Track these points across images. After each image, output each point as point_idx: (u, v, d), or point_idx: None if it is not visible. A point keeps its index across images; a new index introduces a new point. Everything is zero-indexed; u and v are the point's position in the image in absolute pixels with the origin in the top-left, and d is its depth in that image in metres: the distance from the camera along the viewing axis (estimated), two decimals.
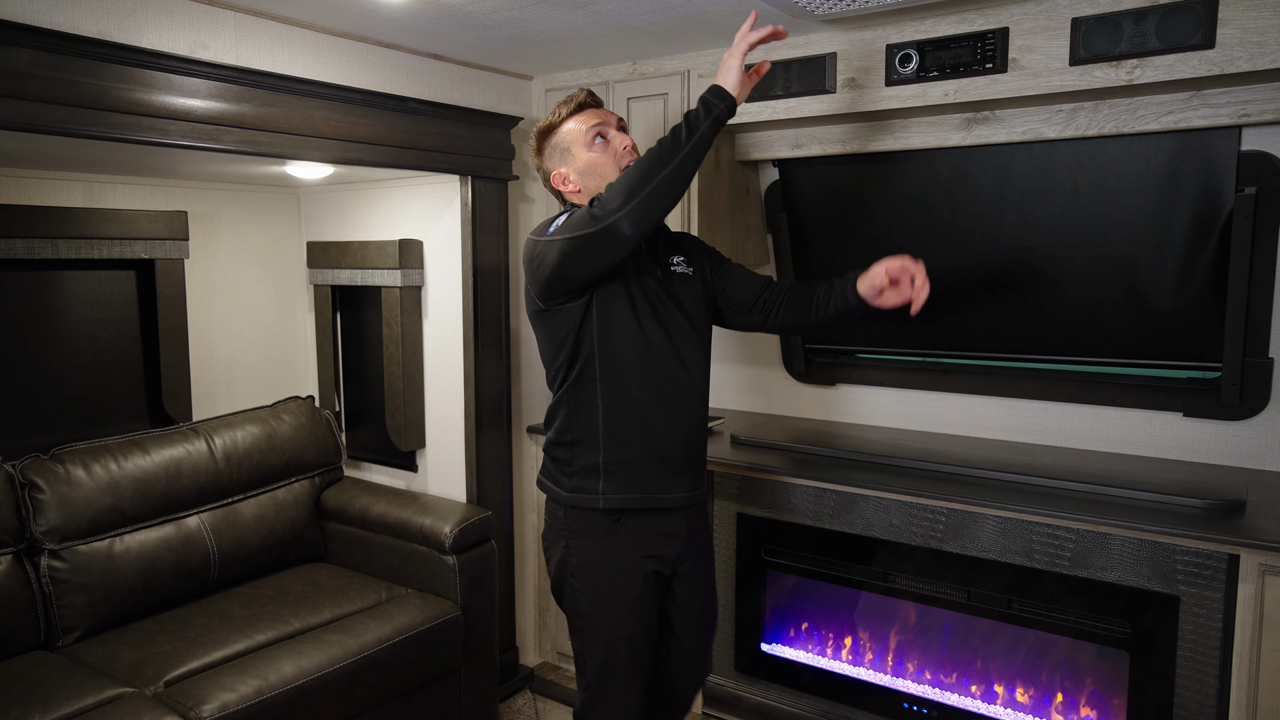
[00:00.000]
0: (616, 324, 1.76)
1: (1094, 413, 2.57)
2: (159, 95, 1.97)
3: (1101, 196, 2.33)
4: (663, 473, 1.82)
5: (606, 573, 1.82)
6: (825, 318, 1.93)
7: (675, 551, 1.86)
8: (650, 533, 1.83)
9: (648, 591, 1.84)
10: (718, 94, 1.67)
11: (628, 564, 1.82)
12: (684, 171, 1.63)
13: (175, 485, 2.50)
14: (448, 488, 2.95)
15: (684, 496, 1.85)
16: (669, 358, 1.79)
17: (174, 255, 2.83)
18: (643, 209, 1.61)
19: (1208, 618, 1.97)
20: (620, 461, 1.80)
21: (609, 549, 1.82)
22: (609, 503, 1.80)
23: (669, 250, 1.89)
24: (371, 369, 3.10)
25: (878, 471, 2.42)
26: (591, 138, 1.81)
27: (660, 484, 1.82)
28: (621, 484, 1.80)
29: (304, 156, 2.28)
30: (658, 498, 1.82)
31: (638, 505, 1.81)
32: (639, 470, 1.80)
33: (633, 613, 1.83)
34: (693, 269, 1.90)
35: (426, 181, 2.85)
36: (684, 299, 1.85)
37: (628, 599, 1.82)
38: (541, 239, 1.74)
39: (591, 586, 1.84)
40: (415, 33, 2.38)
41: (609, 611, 1.83)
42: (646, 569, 1.83)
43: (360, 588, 2.59)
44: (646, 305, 1.78)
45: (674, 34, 2.40)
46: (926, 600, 2.41)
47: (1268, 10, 1.81)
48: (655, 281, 1.81)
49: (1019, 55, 2.10)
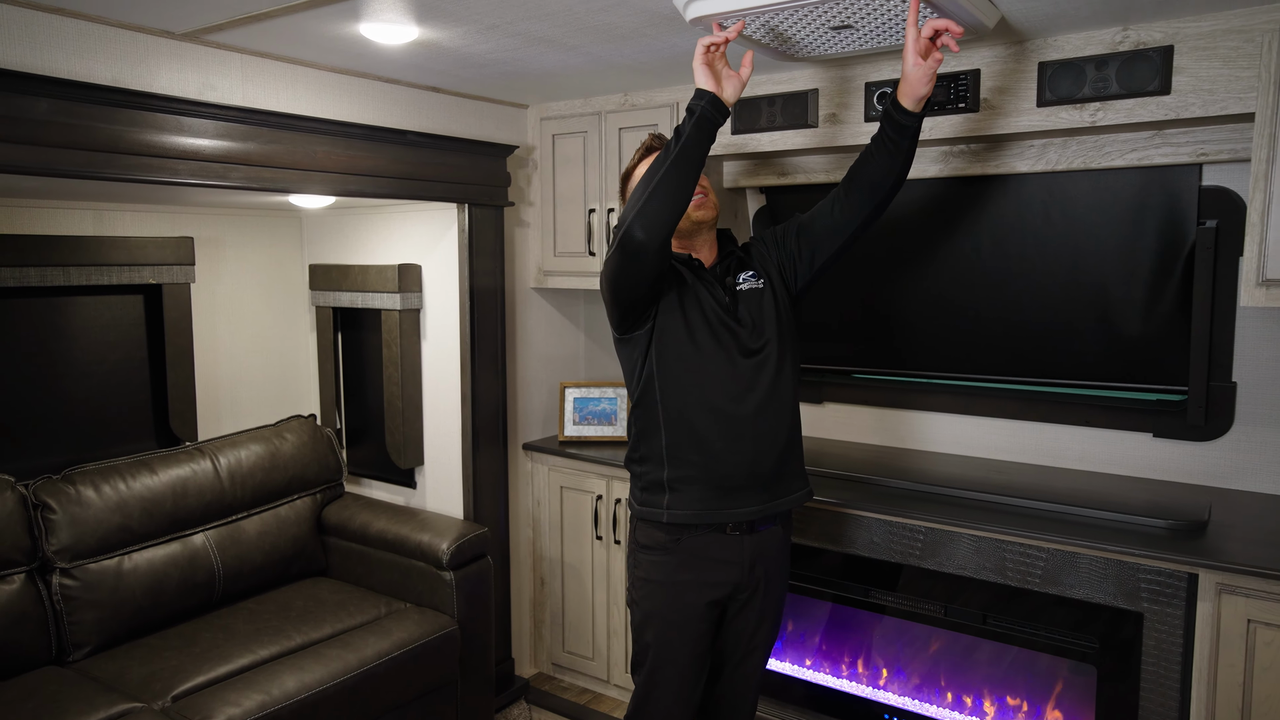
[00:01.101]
0: (673, 352, 1.86)
1: (1069, 432, 2.66)
2: (169, 136, 2.07)
3: (1073, 227, 2.43)
4: (724, 492, 1.86)
5: (664, 591, 1.90)
6: (890, 156, 1.88)
7: (733, 579, 1.91)
8: (707, 557, 1.89)
9: (701, 618, 1.90)
10: (697, 95, 1.75)
11: (683, 586, 1.89)
12: (680, 171, 1.71)
13: (182, 504, 2.59)
14: (445, 504, 3.04)
15: (751, 512, 1.88)
16: (729, 381, 1.85)
17: (180, 280, 2.92)
18: (648, 212, 1.71)
19: (1169, 634, 2.06)
20: (683, 479, 1.87)
21: (667, 567, 1.90)
22: (672, 517, 1.88)
23: (738, 269, 1.97)
24: (371, 388, 3.19)
25: (860, 491, 2.51)
26: None
27: (723, 502, 1.87)
28: (685, 500, 1.87)
29: (307, 190, 2.38)
30: (721, 513, 1.86)
31: (700, 521, 1.87)
32: (701, 489, 1.87)
33: (683, 636, 1.90)
34: (762, 279, 1.96)
35: (425, 208, 2.95)
36: (753, 318, 1.90)
37: (680, 621, 1.89)
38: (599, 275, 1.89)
39: (649, 602, 1.92)
40: (414, 70, 2.48)
41: (661, 631, 1.91)
42: (704, 596, 1.89)
43: (360, 602, 2.68)
44: (707, 333, 1.86)
45: (662, 69, 2.50)
46: (906, 615, 2.50)
47: (1218, 61, 1.91)
48: (720, 307, 1.89)
49: (990, 96, 2.20)
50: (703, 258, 1.96)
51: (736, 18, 1.78)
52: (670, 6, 1.85)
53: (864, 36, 1.92)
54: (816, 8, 1.71)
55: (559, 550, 3.12)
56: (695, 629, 1.91)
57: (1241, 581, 1.90)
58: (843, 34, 1.91)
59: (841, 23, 1.82)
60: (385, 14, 1.92)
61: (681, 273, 1.90)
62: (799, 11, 1.74)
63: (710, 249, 1.98)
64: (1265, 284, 1.91)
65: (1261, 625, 1.89)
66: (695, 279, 1.90)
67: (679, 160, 1.71)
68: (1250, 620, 1.90)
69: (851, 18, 1.78)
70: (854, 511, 2.46)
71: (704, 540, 1.89)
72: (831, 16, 1.78)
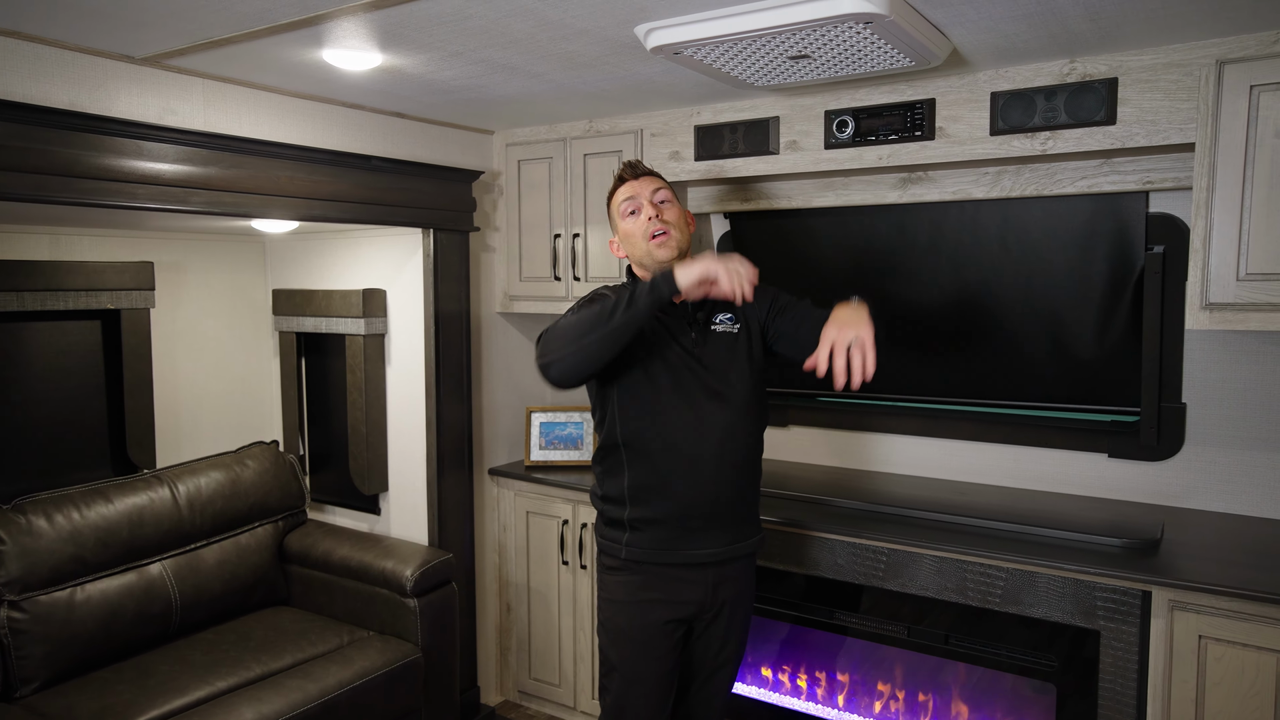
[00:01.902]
0: (635, 397, 1.86)
1: (1027, 453, 2.71)
2: (128, 160, 2.05)
3: (1027, 252, 2.49)
4: (684, 532, 1.88)
5: (629, 610, 1.92)
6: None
7: (697, 598, 1.91)
8: (670, 579, 1.90)
9: (665, 636, 1.91)
10: (669, 282, 1.69)
11: (648, 605, 1.90)
12: (615, 339, 1.71)
13: (138, 533, 2.53)
14: (410, 530, 3.01)
15: (711, 554, 1.89)
16: (691, 425, 1.84)
17: (140, 305, 2.88)
18: (569, 364, 1.73)
19: (1125, 651, 2.09)
20: (643, 519, 1.89)
21: (630, 586, 1.91)
22: (630, 554, 1.91)
23: (715, 309, 1.93)
24: (335, 414, 3.16)
25: (824, 513, 2.53)
26: (626, 211, 1.94)
27: (682, 542, 1.88)
28: (643, 539, 1.89)
29: (269, 215, 2.37)
30: (678, 553, 1.88)
31: (657, 560, 1.89)
32: (660, 530, 1.88)
33: (647, 655, 1.90)
34: (739, 325, 1.94)
35: (390, 233, 2.95)
36: (719, 361, 1.89)
37: (644, 640, 1.90)
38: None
39: (615, 621, 1.94)
40: (378, 95, 2.49)
41: (627, 650, 1.92)
42: (665, 615, 1.90)
43: (322, 631, 2.64)
44: (668, 377, 1.85)
45: (625, 97, 2.54)
46: (869, 637, 2.51)
47: (1159, 93, 1.99)
48: (685, 349, 1.87)
49: (945, 124, 2.26)
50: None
51: (696, 47, 1.82)
52: (632, 36, 1.88)
53: (821, 66, 1.97)
54: (775, 38, 1.75)
55: (525, 576, 3.09)
56: (660, 647, 1.91)
57: (1193, 598, 1.94)
58: (801, 64, 1.95)
59: (799, 53, 1.86)
60: (348, 40, 1.93)
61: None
62: (758, 41, 1.78)
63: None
64: (1209, 307, 1.97)
65: (1212, 641, 1.93)
66: (659, 319, 1.87)
67: (620, 331, 1.69)
68: (1201, 636, 1.94)
69: (809, 48, 1.83)
70: (818, 534, 2.47)
71: (665, 568, 1.91)
72: (789, 47, 1.82)
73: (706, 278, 1.67)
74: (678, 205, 1.96)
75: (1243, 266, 1.92)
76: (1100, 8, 1.70)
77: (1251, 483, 2.39)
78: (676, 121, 2.71)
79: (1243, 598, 1.87)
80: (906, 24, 1.67)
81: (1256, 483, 2.38)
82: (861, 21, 1.62)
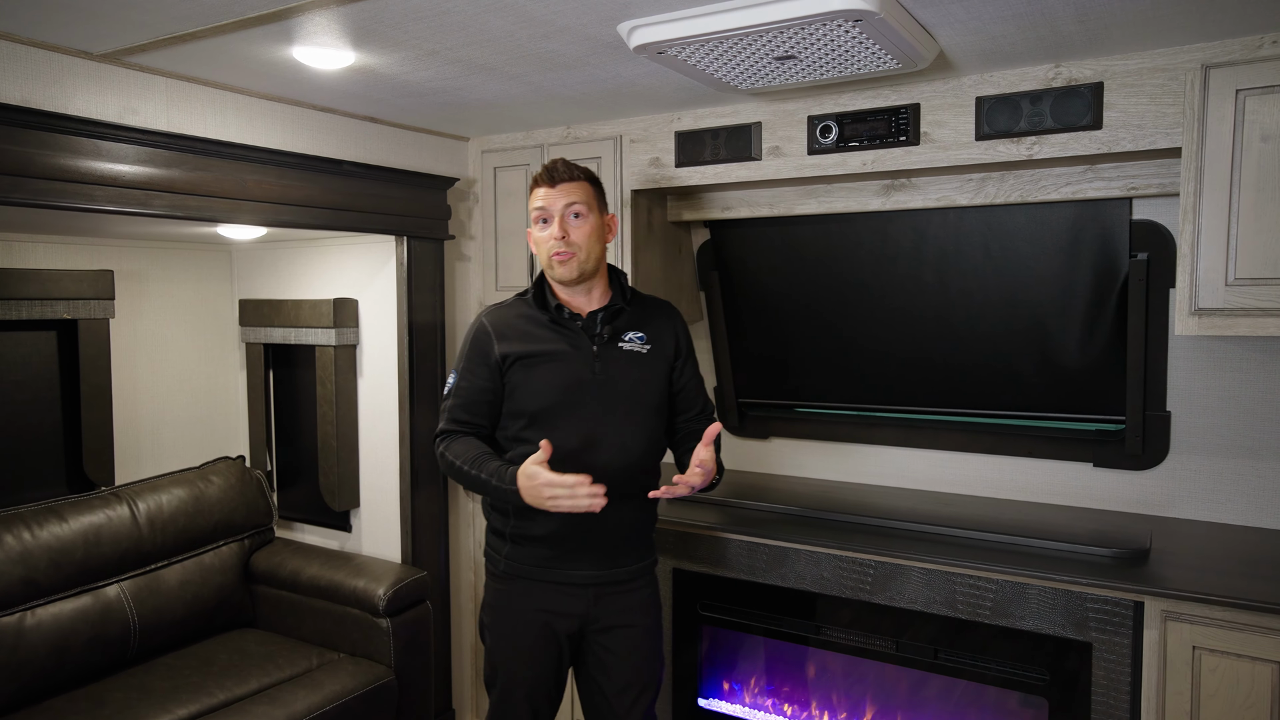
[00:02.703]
0: (523, 411, 1.83)
1: (1011, 463, 2.68)
2: (85, 161, 1.96)
3: (1011, 259, 2.47)
4: (562, 553, 1.85)
5: (506, 615, 1.90)
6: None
7: (579, 610, 1.88)
8: (550, 592, 1.87)
9: (544, 643, 1.88)
10: (515, 497, 1.72)
11: (524, 611, 1.88)
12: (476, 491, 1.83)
13: (94, 553, 2.42)
14: (382, 548, 2.91)
15: (587, 575, 1.86)
16: (579, 444, 1.80)
17: (99, 315, 2.77)
18: (448, 475, 1.87)
19: (1118, 663, 2.06)
20: (524, 535, 1.86)
21: (509, 594, 1.90)
22: (509, 567, 1.89)
23: (628, 326, 1.90)
24: (305, 428, 3.06)
25: (809, 525, 2.47)
26: (536, 218, 1.88)
27: (559, 562, 1.86)
28: (522, 555, 1.87)
29: (236, 220, 2.28)
30: (555, 572, 1.86)
31: (534, 576, 1.87)
32: (540, 547, 1.85)
33: (526, 660, 1.88)
34: (650, 347, 1.90)
35: (362, 241, 2.87)
36: (622, 377, 1.85)
37: (523, 645, 1.88)
38: (448, 378, 1.94)
39: (495, 626, 1.92)
40: (350, 98, 2.42)
41: (506, 654, 1.90)
42: (545, 621, 1.87)
43: (290, 654, 2.53)
44: (560, 393, 1.81)
45: (605, 101, 2.49)
46: (858, 652, 2.45)
47: (1145, 97, 1.98)
48: (585, 362, 1.83)
49: (930, 129, 2.24)
50: (579, 305, 1.88)
51: (680, 46, 1.77)
52: (614, 35, 1.83)
53: (807, 67, 1.93)
54: (761, 37, 1.71)
55: None
56: (543, 653, 1.88)
57: (1186, 608, 1.91)
58: (786, 65, 1.91)
59: (785, 53, 1.83)
60: (320, 37, 1.86)
61: (535, 334, 1.84)
62: (743, 41, 1.74)
63: (590, 294, 1.89)
64: (1198, 313, 1.95)
65: (1206, 652, 1.90)
66: (557, 338, 1.84)
67: (478, 489, 1.80)
68: (1195, 647, 1.91)
69: (795, 48, 1.79)
70: (803, 546, 2.42)
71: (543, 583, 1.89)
72: (775, 47, 1.78)
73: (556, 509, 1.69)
74: (593, 218, 1.85)
75: (1231, 271, 1.90)
76: (1089, 9, 1.68)
77: (1236, 491, 2.37)
78: (657, 127, 2.67)
79: (1237, 607, 1.84)
80: (896, 23, 1.63)
81: (1241, 491, 2.37)
82: (851, 19, 1.58)
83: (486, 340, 1.85)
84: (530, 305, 1.89)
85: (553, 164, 1.87)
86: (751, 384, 3.04)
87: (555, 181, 1.85)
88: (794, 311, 2.84)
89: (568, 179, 1.86)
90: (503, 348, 1.83)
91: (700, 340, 3.14)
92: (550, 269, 1.85)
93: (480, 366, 1.84)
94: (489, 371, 1.84)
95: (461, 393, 1.85)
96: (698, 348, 3.12)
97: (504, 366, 1.83)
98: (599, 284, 1.89)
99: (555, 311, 1.85)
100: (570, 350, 1.83)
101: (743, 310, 2.97)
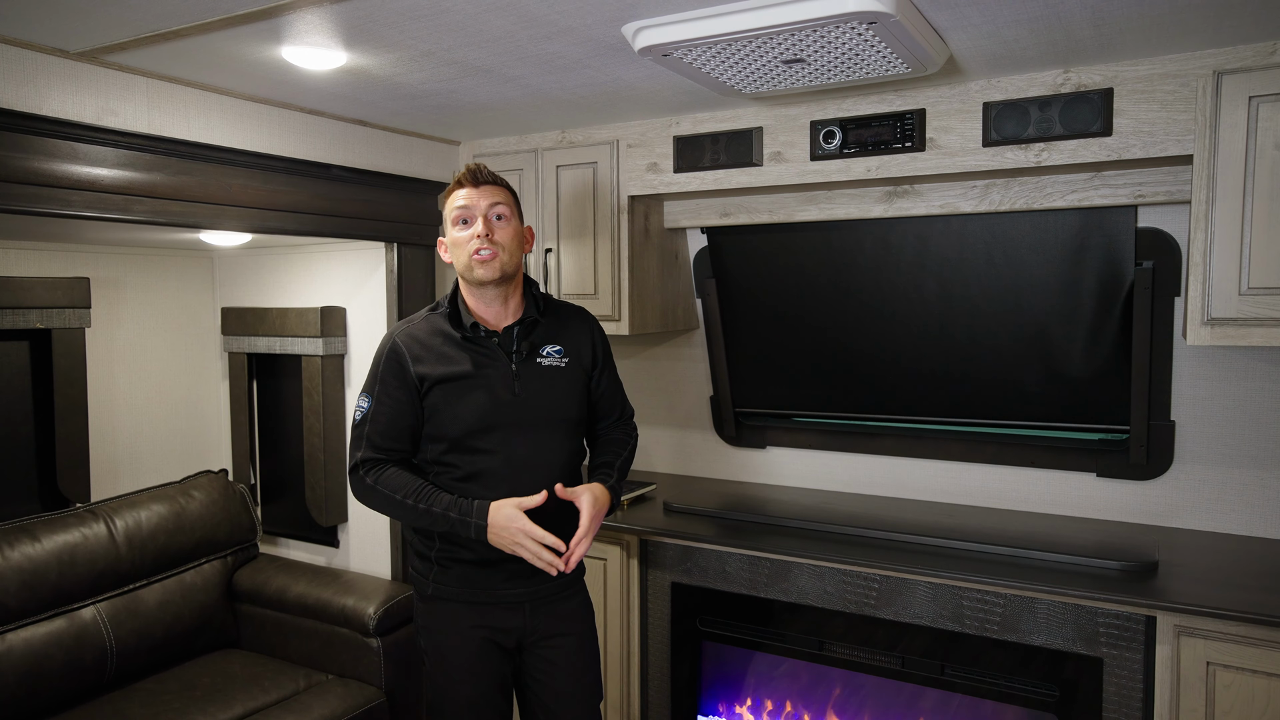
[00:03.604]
0: (443, 430, 1.78)
1: (1014, 473, 2.65)
2: (61, 164, 1.87)
3: (1015, 268, 2.43)
4: (491, 573, 1.81)
5: (443, 636, 1.85)
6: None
7: (515, 624, 1.85)
8: (485, 609, 1.83)
9: (483, 657, 1.84)
10: (479, 534, 1.72)
11: (461, 629, 1.83)
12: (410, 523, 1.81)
13: (69, 574, 2.31)
14: (372, 564, 2.82)
15: (521, 593, 1.83)
16: (501, 461, 1.77)
17: (74, 324, 2.66)
18: (369, 506, 1.81)
19: (1129, 679, 2.02)
20: (449, 557, 1.82)
21: (442, 615, 1.85)
22: (436, 590, 1.84)
23: (545, 339, 1.86)
24: (290, 440, 2.97)
25: (811, 538, 2.42)
26: (457, 219, 1.81)
27: (488, 582, 1.82)
28: (449, 577, 1.82)
29: (221, 226, 2.20)
30: (483, 592, 1.82)
31: (462, 599, 1.83)
32: (466, 569, 1.81)
33: (466, 676, 1.84)
34: (569, 360, 1.87)
35: (350, 247, 2.79)
36: (542, 395, 1.82)
37: (462, 661, 1.84)
38: (355, 410, 1.83)
39: (433, 647, 1.86)
40: (339, 100, 2.34)
41: (446, 672, 1.85)
42: (484, 637, 1.84)
43: (276, 676, 2.44)
44: (479, 411, 1.76)
45: (603, 106, 2.43)
46: (862, 667, 2.40)
47: (1156, 104, 1.95)
48: (504, 383, 1.79)
49: (936, 135, 2.20)
50: (491, 316, 1.83)
51: (687, 48, 1.71)
52: (618, 36, 1.77)
53: (815, 71, 1.89)
54: (771, 40, 1.66)
55: None
56: (484, 668, 1.84)
57: (1200, 623, 1.88)
58: (794, 68, 1.87)
59: (794, 56, 1.78)
60: (311, 36, 1.78)
61: (451, 355, 1.78)
62: (753, 43, 1.68)
63: (507, 305, 1.84)
64: (1210, 323, 1.92)
65: (1221, 668, 1.87)
66: (473, 357, 1.78)
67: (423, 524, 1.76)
68: (1210, 663, 1.88)
69: (804, 51, 1.74)
70: (806, 560, 2.37)
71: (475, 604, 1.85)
72: (785, 50, 1.73)
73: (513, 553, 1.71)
74: (515, 222, 1.82)
75: (1245, 280, 1.87)
76: (1106, 13, 1.65)
77: (1241, 501, 2.35)
78: (654, 132, 2.61)
79: (1252, 622, 1.81)
80: (910, 26, 1.59)
81: (1246, 501, 2.34)
82: (866, 21, 1.53)
83: (401, 362, 1.78)
84: (443, 321, 1.82)
85: (476, 166, 1.82)
86: (748, 393, 2.99)
87: (479, 182, 1.80)
88: (792, 319, 2.79)
89: (492, 181, 1.82)
90: (419, 369, 1.77)
91: (696, 348, 3.09)
92: (470, 271, 1.78)
93: (398, 390, 1.77)
94: (407, 394, 1.77)
95: (380, 418, 1.77)
96: (694, 356, 3.10)
97: (421, 389, 1.77)
98: (515, 294, 1.85)
99: (471, 330, 1.80)
100: (489, 371, 1.79)
101: (740, 318, 2.92)
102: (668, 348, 3.14)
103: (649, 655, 2.63)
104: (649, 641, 2.63)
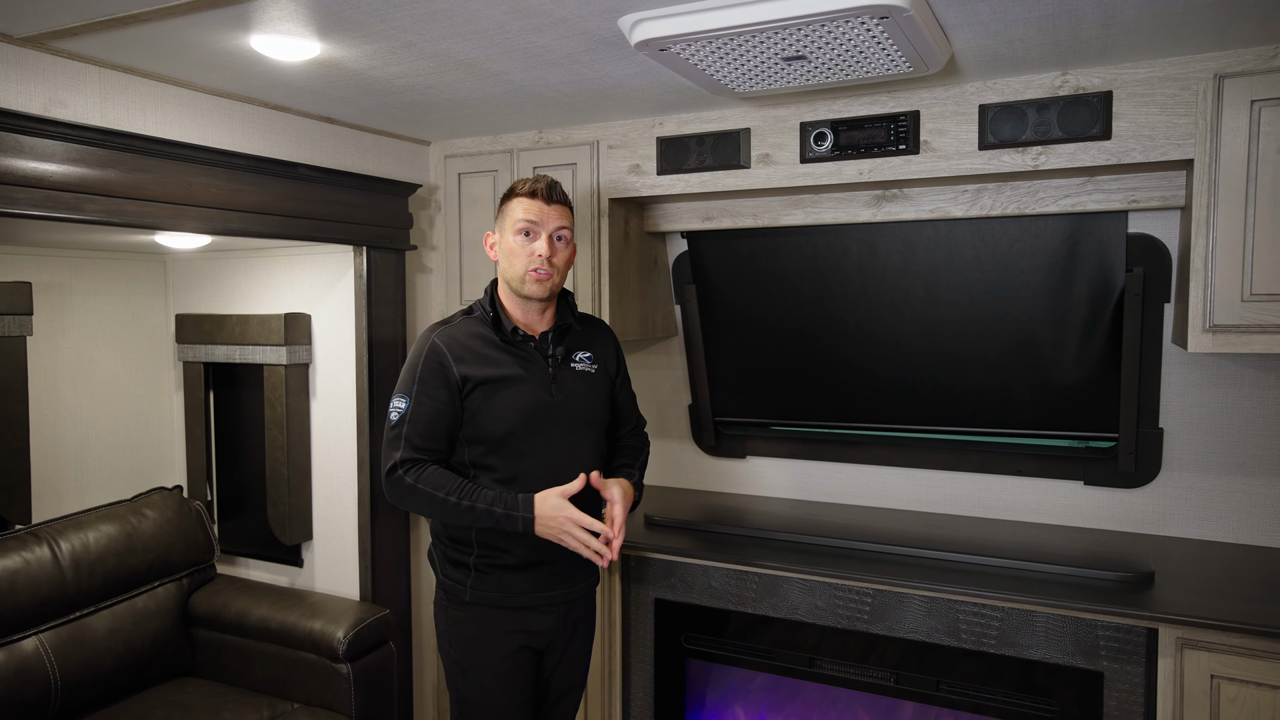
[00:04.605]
0: (484, 434, 1.78)
1: (1000, 482, 2.61)
2: (4, 158, 1.72)
3: (1003, 273, 2.40)
4: (535, 576, 1.83)
5: (479, 645, 1.84)
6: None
7: (548, 628, 1.88)
8: (522, 613, 1.85)
9: (519, 665, 1.85)
10: (527, 527, 1.71)
11: (498, 635, 1.84)
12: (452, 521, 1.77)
13: (8, 602, 2.14)
14: (338, 584, 2.68)
15: (559, 594, 1.87)
16: (544, 465, 1.79)
17: (14, 332, 2.48)
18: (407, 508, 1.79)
19: (1131, 693, 1.98)
20: (488, 564, 1.82)
21: (481, 624, 1.84)
22: (474, 597, 1.83)
23: (577, 346, 1.91)
24: (251, 454, 2.81)
25: (800, 551, 2.35)
26: (520, 229, 1.81)
27: (531, 585, 1.84)
28: (488, 583, 1.83)
29: (180, 227, 2.05)
30: (523, 596, 1.83)
31: (502, 604, 1.83)
32: (509, 574, 1.82)
33: (503, 686, 1.84)
34: (597, 367, 1.93)
35: (316, 251, 2.65)
36: (577, 398, 1.86)
37: (499, 672, 1.84)
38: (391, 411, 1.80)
39: (468, 660, 1.85)
40: (307, 95, 2.21)
41: (479, 682, 1.84)
42: (519, 644, 1.85)
43: (237, 706, 2.29)
44: (520, 415, 1.78)
45: (585, 104, 2.34)
46: (854, 685, 2.34)
47: (1155, 107, 1.93)
48: (543, 384, 1.82)
49: (930, 138, 2.15)
50: (532, 324, 1.87)
51: (686, 43, 1.63)
52: (613, 30, 1.68)
53: (814, 70, 1.82)
54: (775, 35, 1.59)
55: None
56: (519, 677, 1.85)
57: (1203, 635, 1.85)
58: (793, 66, 1.80)
59: (796, 53, 1.71)
60: (284, 24, 1.66)
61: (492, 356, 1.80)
62: (756, 38, 1.61)
63: (544, 314, 1.89)
64: (1212, 330, 1.90)
65: (1225, 680, 1.84)
66: (514, 360, 1.81)
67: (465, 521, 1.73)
68: (1213, 676, 1.85)
69: (807, 48, 1.67)
70: (795, 575, 2.29)
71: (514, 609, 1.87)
72: (787, 46, 1.66)
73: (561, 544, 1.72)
74: (572, 245, 1.88)
75: (1247, 287, 1.85)
76: (1117, 12, 1.61)
77: (1228, 509, 2.34)
78: (637, 132, 2.52)
79: (1257, 634, 1.79)
80: (921, 22, 1.53)
81: (1233, 509, 2.34)
82: (878, 16, 1.47)
83: (442, 361, 1.78)
84: (482, 325, 1.84)
85: (549, 182, 1.84)
86: (728, 401, 2.92)
87: (552, 200, 1.83)
88: (775, 326, 2.72)
89: (562, 201, 1.86)
90: (461, 370, 1.77)
91: (675, 356, 3.01)
92: (522, 284, 1.81)
93: (439, 389, 1.76)
94: (449, 394, 1.77)
95: (419, 418, 1.76)
96: (672, 364, 3.02)
97: (463, 389, 1.77)
98: (552, 302, 1.90)
99: (510, 333, 1.82)
100: (528, 373, 1.81)
101: (720, 324, 2.85)
102: (645, 355, 3.05)
103: (631, 674, 2.54)
104: (631, 660, 2.53)
